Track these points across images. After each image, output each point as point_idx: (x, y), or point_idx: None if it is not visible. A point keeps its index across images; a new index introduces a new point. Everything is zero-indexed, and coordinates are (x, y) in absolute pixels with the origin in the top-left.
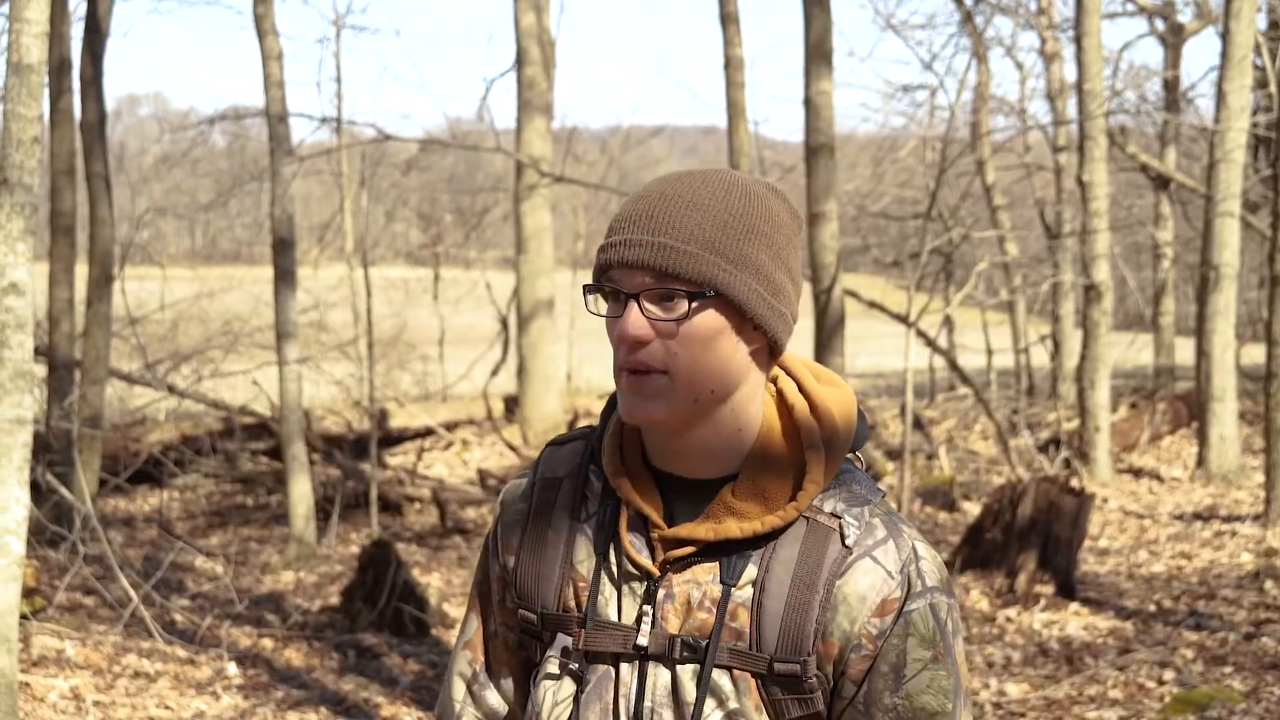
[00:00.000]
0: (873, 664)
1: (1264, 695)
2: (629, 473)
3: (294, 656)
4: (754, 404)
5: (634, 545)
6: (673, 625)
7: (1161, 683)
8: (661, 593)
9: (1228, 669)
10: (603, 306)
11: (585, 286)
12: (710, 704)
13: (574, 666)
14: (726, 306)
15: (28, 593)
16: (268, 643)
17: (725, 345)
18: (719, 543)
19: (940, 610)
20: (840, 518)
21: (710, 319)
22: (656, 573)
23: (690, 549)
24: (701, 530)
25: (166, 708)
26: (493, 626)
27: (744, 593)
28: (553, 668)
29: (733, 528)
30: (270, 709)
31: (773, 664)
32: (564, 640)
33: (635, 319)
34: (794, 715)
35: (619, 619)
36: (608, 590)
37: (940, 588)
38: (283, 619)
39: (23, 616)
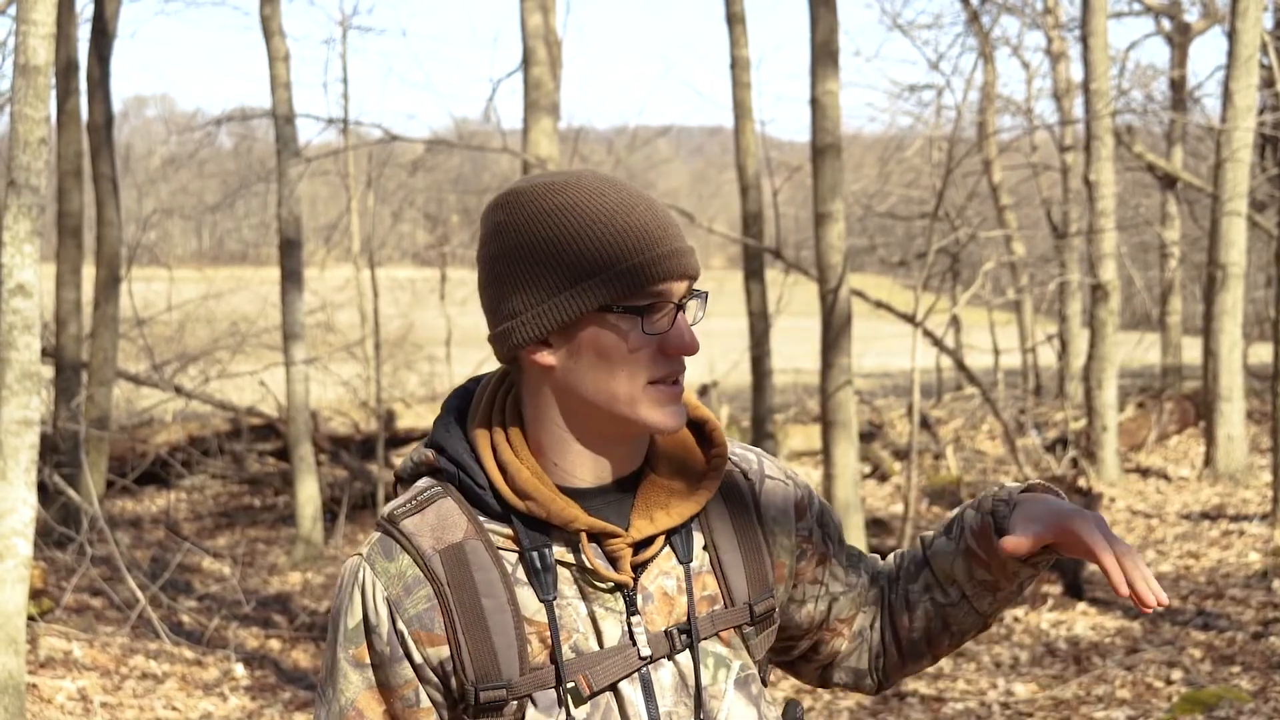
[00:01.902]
0: (828, 550)
1: (1272, 695)
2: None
3: (301, 657)
4: None
5: (601, 566)
6: (658, 624)
7: (1169, 682)
8: (640, 598)
9: (1236, 668)
10: (646, 324)
11: (630, 308)
12: (721, 674)
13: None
14: None
15: (35, 594)
16: (275, 644)
17: None
18: (678, 526)
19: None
20: (729, 458)
21: None
22: (631, 581)
23: (660, 543)
24: (660, 520)
25: (174, 709)
26: None
27: (702, 561)
28: None
29: (687, 506)
30: (278, 710)
31: (752, 608)
32: (548, 696)
33: (690, 328)
34: (761, 654)
35: (602, 645)
36: (580, 625)
37: None
38: (290, 620)
39: (30, 618)
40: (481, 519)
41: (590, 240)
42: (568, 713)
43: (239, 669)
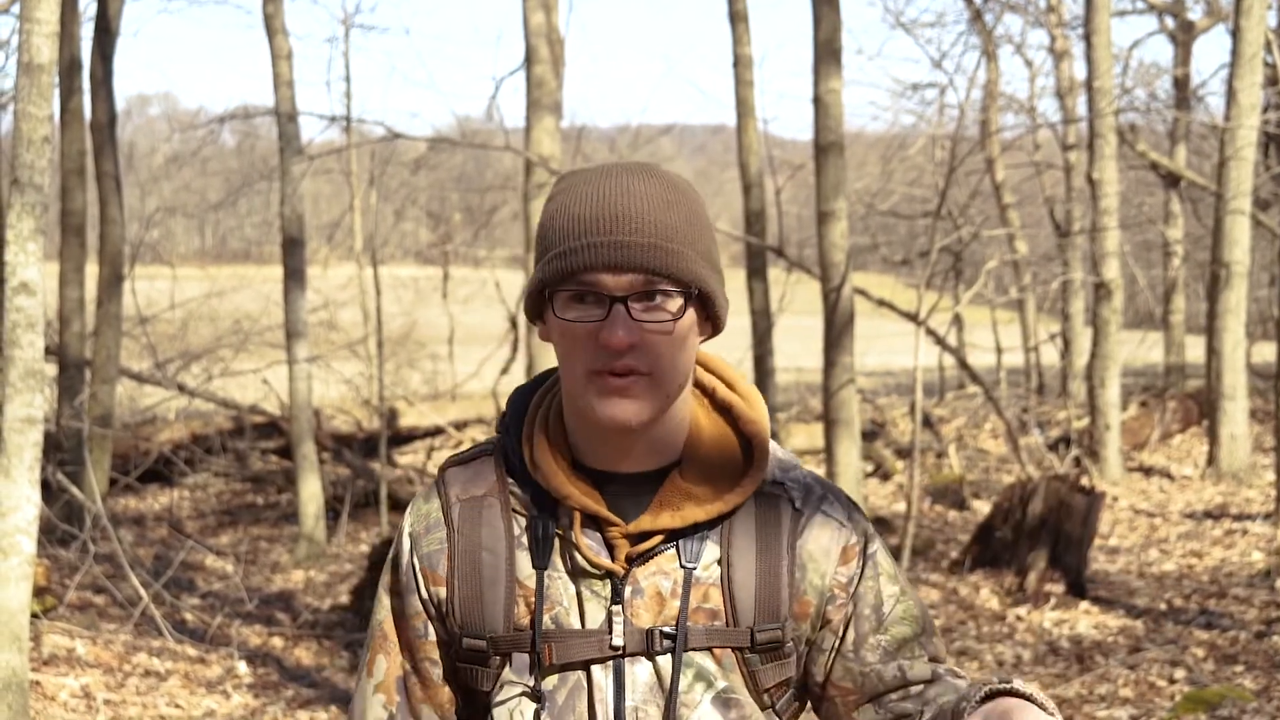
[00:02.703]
0: (853, 609)
1: (1275, 694)
2: (566, 477)
3: (304, 655)
4: (690, 393)
5: (590, 547)
6: (645, 620)
7: (1172, 681)
8: (629, 590)
9: (1239, 668)
10: (569, 312)
11: (548, 292)
12: (699, 687)
13: (530, 684)
14: (698, 302)
15: (38, 592)
16: (278, 641)
17: (692, 340)
18: (681, 529)
19: (887, 547)
20: (782, 484)
21: (690, 316)
22: (621, 571)
23: (656, 540)
24: (664, 520)
25: (177, 706)
26: (410, 663)
27: (711, 572)
28: (513, 689)
29: (697, 512)
30: (280, 707)
31: (754, 634)
32: (523, 659)
33: (627, 325)
34: (771, 684)
35: (583, 625)
36: (565, 599)
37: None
38: (293, 618)
39: (34, 615)
40: (510, 481)
41: (549, 228)
42: (537, 680)
43: (242, 667)
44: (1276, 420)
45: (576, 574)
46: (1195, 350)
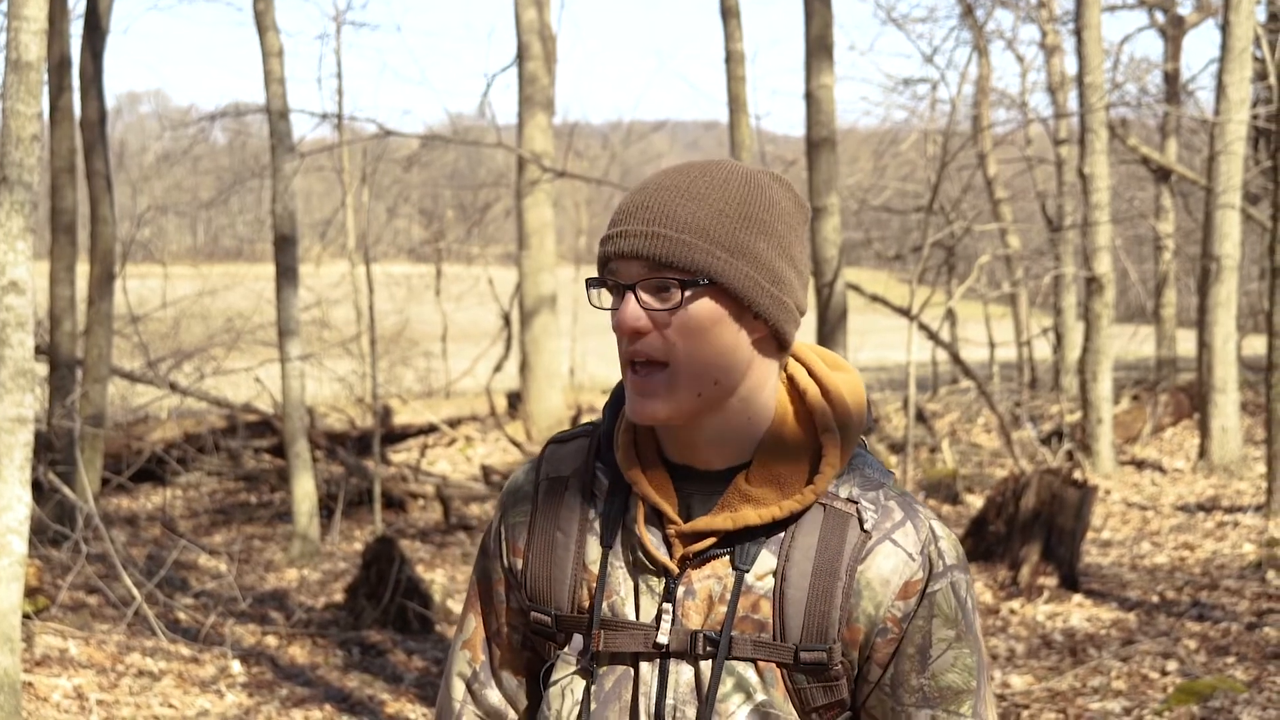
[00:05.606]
0: (898, 646)
1: (1266, 685)
2: (644, 467)
3: (298, 654)
4: (763, 393)
5: (651, 541)
6: (694, 622)
7: (1165, 673)
8: (681, 589)
9: (1230, 659)
10: (606, 300)
11: (588, 280)
12: (737, 698)
13: (580, 666)
14: (723, 295)
15: (30, 592)
16: (272, 640)
17: (725, 335)
18: (737, 532)
19: (960, 589)
20: (857, 502)
21: (706, 308)
22: (675, 569)
23: (709, 541)
24: (719, 521)
25: (170, 706)
26: (494, 626)
27: (765, 583)
28: (566, 668)
29: (750, 515)
30: (274, 707)
31: (798, 653)
32: (580, 640)
33: (632, 309)
34: (819, 703)
35: (637, 617)
36: (624, 589)
37: (959, 565)
38: (287, 616)
39: (26, 616)
40: (598, 465)
41: None
42: (589, 664)
43: (235, 666)
44: (1268, 413)
45: (636, 566)
46: (1187, 344)
